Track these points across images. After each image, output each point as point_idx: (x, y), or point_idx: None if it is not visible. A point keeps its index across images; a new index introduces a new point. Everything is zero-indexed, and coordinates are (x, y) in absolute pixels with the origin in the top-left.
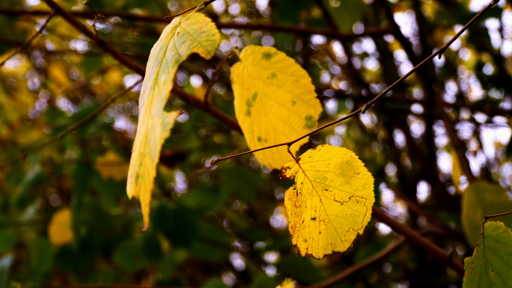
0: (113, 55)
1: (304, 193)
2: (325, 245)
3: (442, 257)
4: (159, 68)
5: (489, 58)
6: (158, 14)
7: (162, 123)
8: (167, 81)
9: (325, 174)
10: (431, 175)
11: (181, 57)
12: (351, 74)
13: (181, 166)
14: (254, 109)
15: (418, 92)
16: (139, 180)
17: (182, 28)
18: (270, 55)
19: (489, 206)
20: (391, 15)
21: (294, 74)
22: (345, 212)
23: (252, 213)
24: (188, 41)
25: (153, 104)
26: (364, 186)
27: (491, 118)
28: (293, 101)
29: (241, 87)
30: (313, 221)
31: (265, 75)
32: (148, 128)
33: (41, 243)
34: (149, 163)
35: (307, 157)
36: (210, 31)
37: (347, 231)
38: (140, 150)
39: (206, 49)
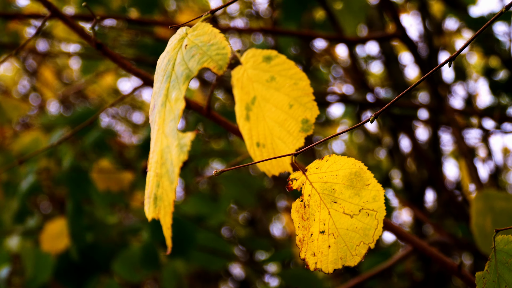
0: (112, 58)
1: (312, 205)
2: (335, 260)
3: (451, 267)
4: (169, 83)
5: (499, 62)
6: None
7: (178, 144)
8: (179, 99)
9: (333, 186)
10: (438, 182)
11: (192, 73)
12: (355, 77)
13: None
14: (253, 113)
15: (424, 96)
16: (158, 202)
17: (190, 40)
18: (270, 58)
19: (498, 213)
20: (398, 18)
21: (293, 77)
22: (355, 225)
23: (252, 221)
24: (197, 55)
25: (165, 123)
26: (375, 198)
27: (500, 124)
28: (290, 104)
29: (241, 91)
30: (322, 235)
31: (264, 78)
32: (162, 148)
33: (37, 253)
34: (167, 185)
35: (314, 168)
36: (220, 44)
37: (358, 245)
38: (156, 170)
39: (217, 64)
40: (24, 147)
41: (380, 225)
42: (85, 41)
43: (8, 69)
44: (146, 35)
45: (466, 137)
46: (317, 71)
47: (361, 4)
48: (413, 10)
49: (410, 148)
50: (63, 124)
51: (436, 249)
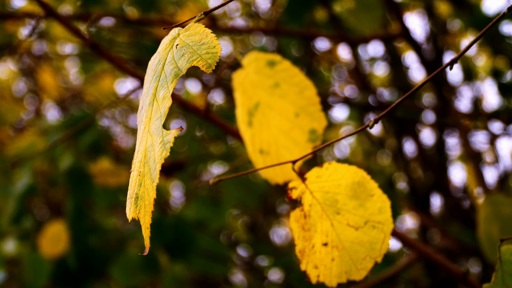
0: (107, 59)
1: (313, 216)
2: (339, 273)
3: (456, 274)
4: (158, 82)
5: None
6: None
7: (161, 141)
8: (166, 97)
9: (335, 196)
10: (444, 187)
11: (181, 71)
12: (358, 79)
13: (180, 176)
14: (256, 119)
15: (430, 98)
16: (139, 202)
17: (181, 40)
18: (274, 63)
19: (506, 220)
20: (401, 18)
21: (299, 85)
22: (361, 238)
23: (253, 226)
24: (187, 54)
25: (152, 121)
26: (381, 210)
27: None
28: (296, 113)
29: (243, 95)
30: (324, 247)
31: (268, 84)
32: (147, 146)
33: (34, 257)
34: (148, 183)
35: (314, 176)
36: (211, 43)
37: (363, 258)
38: (139, 169)
39: (206, 63)
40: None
41: (388, 239)
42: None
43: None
44: (144, 36)
45: (472, 141)
46: (319, 73)
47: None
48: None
49: (415, 152)
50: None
51: (442, 256)
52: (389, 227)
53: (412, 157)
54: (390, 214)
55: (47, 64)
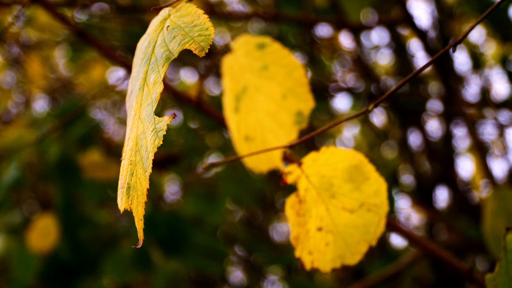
0: (96, 47)
1: (308, 201)
2: (333, 258)
3: (462, 271)
4: (148, 66)
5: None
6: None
7: (154, 129)
8: (157, 81)
9: (331, 180)
10: (451, 180)
11: (172, 54)
12: (361, 68)
13: (175, 170)
14: (243, 104)
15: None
16: (131, 192)
17: (172, 21)
18: (264, 46)
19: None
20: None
21: (287, 66)
22: (355, 221)
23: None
24: (179, 36)
25: (142, 107)
26: (376, 193)
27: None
28: (283, 95)
29: (231, 80)
30: (319, 232)
31: (256, 66)
32: (138, 134)
33: (22, 253)
34: (141, 173)
35: (310, 161)
36: (203, 25)
37: (358, 242)
38: (130, 158)
39: (199, 45)
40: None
41: (382, 221)
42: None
43: None
44: (136, 23)
45: (480, 132)
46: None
47: None
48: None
49: (421, 144)
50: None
51: (447, 252)
52: (384, 210)
53: (418, 149)
54: (386, 197)
55: (36, 53)
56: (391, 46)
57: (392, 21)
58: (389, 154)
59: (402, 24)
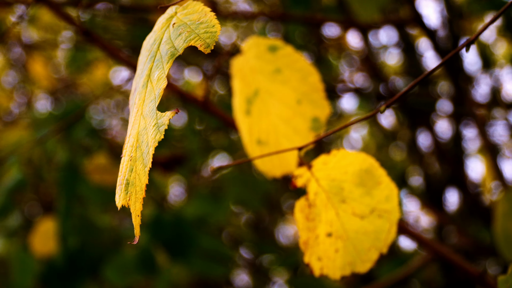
0: (101, 46)
1: (318, 205)
2: (343, 265)
3: (473, 274)
4: (152, 63)
5: None
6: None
7: (155, 124)
8: (161, 78)
9: (342, 184)
10: (461, 182)
11: (177, 51)
12: (369, 67)
13: (180, 171)
14: (255, 108)
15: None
16: (130, 188)
17: (178, 19)
18: (275, 48)
19: None
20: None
21: (301, 71)
22: (366, 228)
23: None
24: (185, 33)
25: (145, 104)
26: (388, 199)
27: None
28: (298, 100)
29: (241, 82)
30: (328, 238)
31: (268, 70)
32: (139, 130)
33: (22, 258)
34: (140, 168)
35: (320, 163)
36: (210, 22)
37: (368, 249)
38: (130, 154)
39: (205, 42)
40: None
41: (393, 228)
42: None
43: None
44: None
45: (490, 132)
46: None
47: None
48: None
49: (431, 145)
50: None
51: (458, 256)
52: (395, 216)
53: (427, 150)
54: (397, 203)
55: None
56: (400, 46)
57: (401, 21)
58: (398, 155)
59: (411, 23)
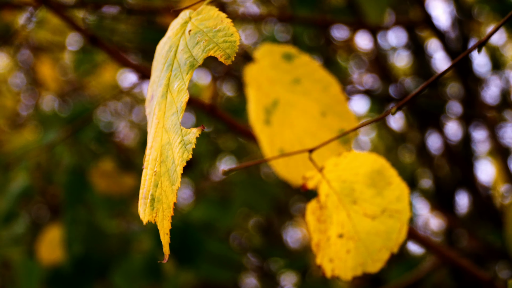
0: (107, 52)
1: (329, 206)
2: (354, 266)
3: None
4: (170, 72)
5: None
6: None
7: (181, 141)
8: (181, 89)
9: (353, 185)
10: (471, 185)
11: (197, 61)
12: (379, 69)
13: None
14: (275, 118)
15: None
16: (156, 204)
17: (194, 25)
18: (291, 57)
19: None
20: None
21: (321, 81)
22: (377, 228)
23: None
24: (202, 42)
25: (166, 116)
26: (399, 199)
27: None
28: (322, 112)
29: (258, 92)
30: (340, 239)
31: (287, 80)
32: (163, 144)
33: (28, 264)
34: (167, 185)
35: (331, 165)
36: (228, 30)
37: (379, 250)
38: (154, 169)
39: (225, 53)
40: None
41: (404, 228)
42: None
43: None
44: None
45: (500, 135)
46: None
47: None
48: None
49: (440, 147)
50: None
51: (467, 261)
52: (406, 216)
53: (436, 152)
54: (408, 202)
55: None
56: (409, 47)
57: (411, 23)
58: (407, 158)
59: (421, 25)
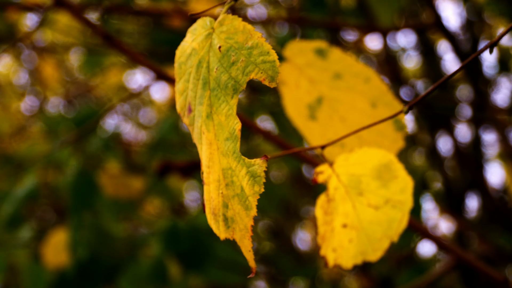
0: (122, 51)
1: (337, 199)
2: (355, 254)
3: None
4: (209, 91)
5: None
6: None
7: (247, 172)
8: (230, 115)
9: (360, 178)
10: (482, 187)
11: (240, 85)
12: (388, 70)
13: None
14: (322, 113)
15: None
16: (231, 224)
17: (221, 39)
18: (323, 52)
19: None
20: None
21: (361, 74)
22: (380, 218)
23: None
24: (240, 63)
25: (218, 139)
26: (402, 190)
27: None
28: (372, 103)
29: (297, 91)
30: (343, 229)
31: (327, 77)
32: (223, 168)
33: (34, 268)
34: (240, 209)
35: (342, 160)
36: (263, 48)
37: (380, 239)
38: (220, 190)
39: (267, 75)
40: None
41: (405, 218)
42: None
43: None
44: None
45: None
46: None
47: None
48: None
49: (451, 149)
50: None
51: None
52: (408, 206)
53: (447, 155)
54: (411, 194)
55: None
56: (418, 48)
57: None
58: (417, 160)
59: (432, 27)
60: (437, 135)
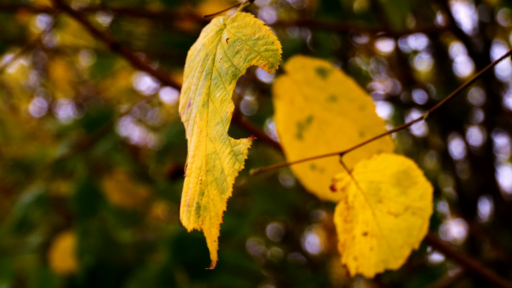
0: (130, 60)
1: (356, 206)
2: (377, 262)
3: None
4: (210, 81)
5: None
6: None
7: (231, 151)
8: (225, 99)
9: (379, 185)
10: (494, 192)
11: (239, 71)
12: (400, 73)
13: None
14: (309, 134)
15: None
16: (203, 212)
17: (231, 33)
18: (324, 72)
19: None
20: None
21: (357, 100)
22: (400, 225)
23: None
24: (243, 51)
25: (210, 125)
26: (422, 197)
27: None
28: (361, 132)
29: (290, 106)
30: (364, 237)
31: (322, 97)
32: (208, 153)
33: (42, 273)
34: (215, 194)
35: (360, 167)
36: (268, 38)
37: (401, 246)
38: (200, 178)
39: (268, 62)
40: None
41: (425, 225)
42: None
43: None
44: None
45: None
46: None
47: None
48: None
49: (462, 152)
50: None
51: (491, 271)
52: (428, 213)
53: (459, 158)
54: (430, 200)
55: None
56: (430, 50)
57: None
58: (429, 163)
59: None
60: (449, 138)
